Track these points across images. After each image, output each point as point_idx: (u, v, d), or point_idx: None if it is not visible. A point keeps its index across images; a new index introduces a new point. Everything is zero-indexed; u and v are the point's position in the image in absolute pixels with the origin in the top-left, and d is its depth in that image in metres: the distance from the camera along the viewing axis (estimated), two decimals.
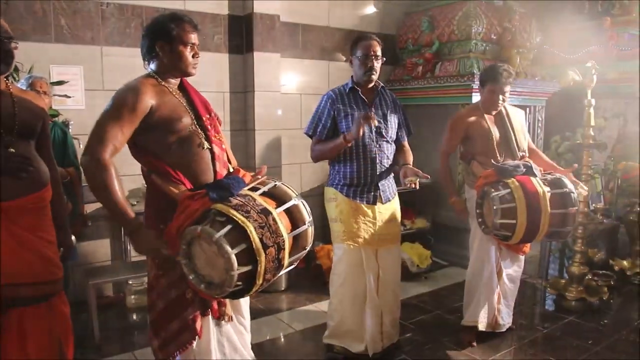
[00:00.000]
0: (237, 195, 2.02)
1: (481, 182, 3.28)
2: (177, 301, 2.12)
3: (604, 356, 3.36)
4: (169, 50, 2.14)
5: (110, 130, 1.97)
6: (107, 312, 4.04)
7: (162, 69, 2.18)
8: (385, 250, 3.20)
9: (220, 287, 1.88)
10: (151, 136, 2.08)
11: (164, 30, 2.13)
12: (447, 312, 4.10)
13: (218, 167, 2.19)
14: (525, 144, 3.50)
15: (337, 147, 3.04)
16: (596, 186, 5.55)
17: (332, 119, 3.10)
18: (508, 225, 3.09)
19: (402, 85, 5.60)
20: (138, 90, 2.04)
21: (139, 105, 2.01)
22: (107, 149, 1.96)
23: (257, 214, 1.93)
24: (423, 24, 5.44)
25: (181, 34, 2.14)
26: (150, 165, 2.14)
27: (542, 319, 4.01)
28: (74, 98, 3.97)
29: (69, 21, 4.01)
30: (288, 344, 3.60)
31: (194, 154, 2.14)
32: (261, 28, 4.76)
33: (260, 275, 1.90)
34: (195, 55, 2.20)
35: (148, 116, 2.04)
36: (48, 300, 2.12)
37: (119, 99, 2.02)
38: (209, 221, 1.91)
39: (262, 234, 1.89)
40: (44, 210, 2.16)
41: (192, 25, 2.19)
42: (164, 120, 2.07)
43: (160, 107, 2.07)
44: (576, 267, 4.26)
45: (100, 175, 1.94)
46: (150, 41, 2.15)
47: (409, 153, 3.28)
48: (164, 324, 2.16)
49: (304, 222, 2.12)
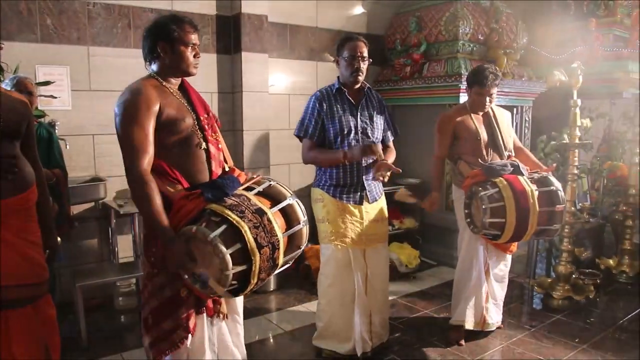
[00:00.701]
0: (232, 195, 2.03)
1: (469, 182, 3.30)
2: (172, 299, 2.12)
3: (590, 354, 3.39)
4: (171, 50, 2.16)
5: (137, 140, 2.00)
6: (95, 314, 4.01)
7: (163, 69, 2.21)
8: (373, 250, 3.20)
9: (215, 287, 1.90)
10: (155, 136, 2.08)
11: (166, 30, 2.15)
12: (436, 312, 4.12)
13: (214, 167, 2.21)
14: (511, 143, 3.52)
15: (333, 161, 3.07)
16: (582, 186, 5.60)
17: (321, 120, 3.11)
18: (497, 224, 3.11)
19: (391, 86, 5.61)
20: (145, 92, 2.07)
21: (151, 105, 2.05)
22: (142, 161, 2.00)
23: (251, 213, 1.95)
24: (411, 25, 5.46)
25: (182, 34, 2.16)
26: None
27: (529, 318, 4.03)
28: (60, 99, 3.93)
29: (55, 21, 3.97)
30: (277, 345, 3.59)
31: (191, 154, 2.16)
32: (249, 28, 4.74)
33: (255, 274, 1.92)
34: (196, 55, 2.23)
35: (157, 117, 2.07)
36: (34, 303, 2.10)
37: (130, 105, 2.05)
38: (204, 221, 1.92)
39: (256, 233, 1.91)
40: (29, 212, 2.14)
41: (193, 26, 2.22)
42: (169, 121, 2.10)
43: (166, 108, 2.10)
44: (563, 266, 4.30)
45: (141, 188, 1.97)
46: (151, 42, 2.18)
47: (392, 154, 3.29)
48: (157, 322, 2.15)
49: (299, 221, 2.15)
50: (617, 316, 4.04)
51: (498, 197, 3.09)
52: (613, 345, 3.53)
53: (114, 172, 4.20)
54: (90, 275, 3.74)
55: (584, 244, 5.19)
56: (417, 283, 4.83)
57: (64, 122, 3.95)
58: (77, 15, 4.07)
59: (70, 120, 4.04)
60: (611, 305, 4.35)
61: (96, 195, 3.96)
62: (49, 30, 3.96)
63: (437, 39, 5.29)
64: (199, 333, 2.18)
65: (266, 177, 2.22)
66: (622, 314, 4.09)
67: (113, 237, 4.15)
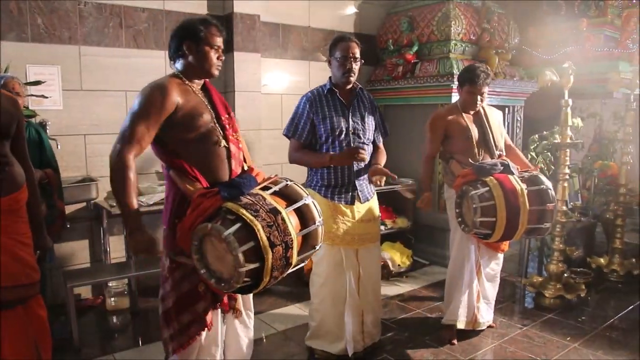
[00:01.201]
0: (248, 194, 2.08)
1: (459, 181, 3.31)
2: (189, 294, 2.21)
3: (582, 352, 3.41)
4: (196, 50, 2.23)
5: (138, 130, 2.07)
6: (86, 315, 4.00)
7: (187, 68, 2.27)
8: (365, 249, 3.21)
9: (228, 282, 1.96)
10: (173, 133, 2.16)
11: (193, 30, 2.22)
12: (428, 311, 4.13)
13: (233, 165, 2.28)
14: (502, 143, 3.54)
15: (319, 164, 3.09)
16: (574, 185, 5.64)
17: (310, 121, 3.10)
18: (488, 223, 3.12)
19: (383, 86, 5.62)
20: (165, 89, 2.12)
21: (167, 103, 2.10)
22: (132, 149, 2.07)
23: (266, 213, 2.00)
24: (403, 25, 5.47)
25: (208, 36, 2.23)
26: (169, 162, 2.21)
27: (521, 317, 4.05)
28: (52, 98, 3.91)
29: (46, 20, 3.95)
30: (270, 345, 3.59)
31: (211, 152, 2.22)
32: (241, 28, 4.74)
33: (268, 272, 1.97)
34: (219, 58, 2.30)
35: (173, 113, 2.13)
36: (24, 304, 2.09)
37: (148, 97, 2.11)
38: (220, 219, 1.97)
39: (269, 232, 1.95)
40: (20, 212, 2.13)
41: (219, 30, 2.29)
42: (186, 117, 2.16)
43: (184, 105, 2.16)
44: (554, 265, 4.32)
45: (121, 173, 2.05)
46: (178, 40, 2.24)
47: (382, 155, 3.29)
48: (175, 316, 2.23)
49: (315, 221, 2.18)
50: (608, 315, 4.07)
51: (488, 196, 3.10)
52: (604, 343, 3.55)
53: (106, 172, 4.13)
54: (82, 276, 3.73)
55: (576, 243, 5.23)
56: (410, 282, 4.84)
57: (55, 122, 3.93)
58: (68, 14, 4.05)
59: (61, 120, 4.02)
60: (602, 304, 4.37)
61: (88, 195, 3.94)
62: (40, 30, 3.93)
63: (429, 39, 5.31)
64: (214, 328, 2.29)
65: (283, 177, 2.26)
66: (613, 312, 4.12)
67: (105, 237, 4.13)
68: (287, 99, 5.30)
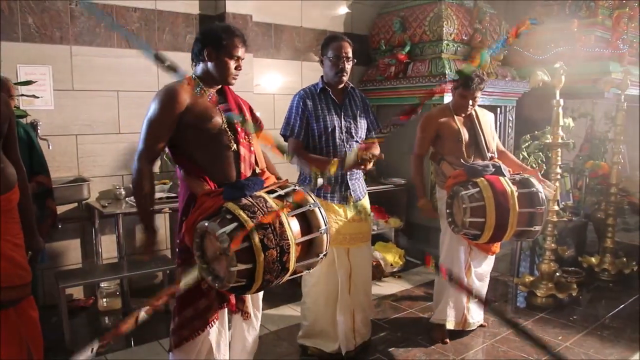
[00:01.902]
0: (250, 196, 2.11)
1: (451, 182, 3.32)
2: (193, 290, 2.24)
3: (573, 351, 3.43)
4: (216, 57, 2.29)
5: (151, 136, 2.21)
6: (78, 316, 3.98)
7: (205, 73, 2.34)
8: (356, 248, 3.21)
9: (222, 281, 2.00)
10: (185, 134, 2.24)
11: (215, 38, 2.28)
12: (421, 311, 4.14)
13: (242, 168, 2.33)
14: (494, 145, 3.54)
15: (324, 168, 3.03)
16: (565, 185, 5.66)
17: (305, 117, 3.10)
18: (477, 223, 3.13)
19: (375, 86, 5.63)
20: (174, 91, 2.21)
21: (176, 105, 2.19)
22: (148, 154, 2.22)
23: (263, 215, 2.01)
24: (395, 25, 5.48)
25: (230, 45, 2.28)
26: (182, 163, 2.32)
27: (513, 316, 4.07)
28: (43, 98, 3.89)
29: (37, 20, 3.92)
30: (262, 345, 3.57)
31: (220, 154, 2.29)
32: None
33: (259, 274, 1.98)
34: (238, 68, 2.35)
35: (183, 115, 2.21)
36: (16, 305, 2.08)
37: (158, 102, 2.20)
38: (219, 218, 2.01)
39: (263, 234, 1.97)
40: (11, 213, 2.11)
41: (242, 41, 2.34)
42: (196, 118, 2.23)
43: (194, 106, 2.24)
44: (546, 265, 4.34)
45: (139, 176, 2.22)
46: (201, 45, 2.31)
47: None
48: (180, 310, 2.31)
49: (319, 228, 2.17)
50: (600, 313, 4.09)
51: (478, 197, 3.11)
52: (596, 342, 3.57)
53: (98, 173, 4.17)
54: (73, 277, 3.71)
55: (567, 243, 5.26)
56: (402, 282, 4.85)
57: (46, 122, 3.91)
58: (60, 14, 4.02)
59: (53, 120, 4.00)
60: (594, 303, 4.40)
61: (79, 195, 3.92)
62: (31, 30, 3.91)
63: (421, 39, 5.32)
64: (217, 327, 2.34)
65: (292, 182, 2.30)
66: (604, 311, 4.14)
67: (96, 238, 4.12)
68: (279, 99, 5.30)
